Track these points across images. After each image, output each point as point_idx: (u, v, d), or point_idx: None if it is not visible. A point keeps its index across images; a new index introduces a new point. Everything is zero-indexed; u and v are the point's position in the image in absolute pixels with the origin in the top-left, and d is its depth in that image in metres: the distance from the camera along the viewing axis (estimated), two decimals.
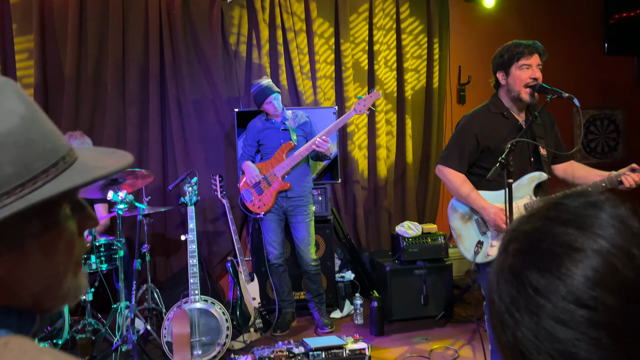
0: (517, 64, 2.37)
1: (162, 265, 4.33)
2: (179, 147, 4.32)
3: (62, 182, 0.62)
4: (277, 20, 4.47)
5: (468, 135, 2.47)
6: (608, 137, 5.37)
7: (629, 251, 0.54)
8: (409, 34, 4.79)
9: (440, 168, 2.55)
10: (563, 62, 5.07)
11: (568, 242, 0.56)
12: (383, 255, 4.27)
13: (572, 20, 5.16)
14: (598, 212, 0.57)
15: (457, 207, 2.57)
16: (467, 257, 2.50)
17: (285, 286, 3.81)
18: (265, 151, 3.77)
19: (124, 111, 4.26)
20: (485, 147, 2.45)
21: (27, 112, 0.63)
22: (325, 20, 4.61)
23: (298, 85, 4.51)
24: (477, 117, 2.50)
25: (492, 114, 2.48)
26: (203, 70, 4.40)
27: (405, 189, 4.80)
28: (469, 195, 2.43)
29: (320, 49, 4.61)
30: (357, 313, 3.90)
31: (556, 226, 0.58)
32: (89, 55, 4.16)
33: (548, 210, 0.60)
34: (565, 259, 0.55)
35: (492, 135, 2.43)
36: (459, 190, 2.47)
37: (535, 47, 2.39)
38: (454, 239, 2.61)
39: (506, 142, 2.26)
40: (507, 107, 2.48)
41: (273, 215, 3.72)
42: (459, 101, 5.03)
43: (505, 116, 2.46)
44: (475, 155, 2.48)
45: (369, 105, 3.55)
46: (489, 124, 2.46)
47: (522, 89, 2.37)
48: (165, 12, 4.25)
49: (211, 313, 2.99)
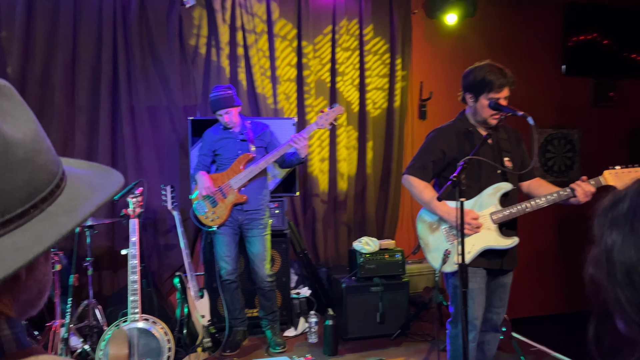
0: (487, 95, 2.45)
1: (108, 279, 4.11)
2: (130, 155, 4.13)
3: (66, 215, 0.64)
4: (238, 28, 4.36)
5: (434, 148, 2.56)
6: (565, 156, 5.46)
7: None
8: (373, 53, 4.75)
9: (405, 177, 2.62)
10: (523, 81, 5.05)
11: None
12: (341, 271, 4.17)
13: (532, 40, 5.25)
14: None
15: (425, 216, 2.60)
16: (434, 266, 2.54)
17: (237, 303, 3.66)
18: (222, 162, 3.63)
19: (72, 116, 4.05)
20: (451, 159, 2.52)
21: (36, 125, 0.64)
22: (289, 39, 4.53)
23: (258, 94, 4.40)
24: (444, 131, 2.61)
25: (457, 129, 2.58)
26: (159, 76, 4.24)
27: (365, 203, 4.73)
28: (432, 201, 2.48)
29: (282, 63, 4.52)
30: (312, 331, 3.77)
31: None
32: (36, 54, 3.94)
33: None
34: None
35: (458, 148, 2.52)
36: (421, 195, 2.54)
37: (507, 80, 2.47)
38: (422, 249, 2.61)
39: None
40: (472, 124, 2.57)
41: (227, 228, 3.57)
42: (420, 116, 5.01)
43: (471, 131, 2.55)
44: (441, 166, 2.57)
45: (330, 119, 3.47)
46: (456, 138, 2.55)
47: (489, 117, 2.49)
48: (120, 15, 4.08)
49: (152, 333, 2.81)
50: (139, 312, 2.83)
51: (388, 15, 4.78)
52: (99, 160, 4.05)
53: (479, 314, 2.49)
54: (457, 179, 2.09)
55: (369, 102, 4.73)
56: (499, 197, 2.47)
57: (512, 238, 2.48)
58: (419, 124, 4.97)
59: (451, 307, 2.59)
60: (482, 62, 2.54)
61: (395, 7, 4.77)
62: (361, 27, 4.69)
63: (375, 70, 4.77)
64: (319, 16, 4.60)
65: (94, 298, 3.45)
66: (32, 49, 3.95)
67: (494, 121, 2.48)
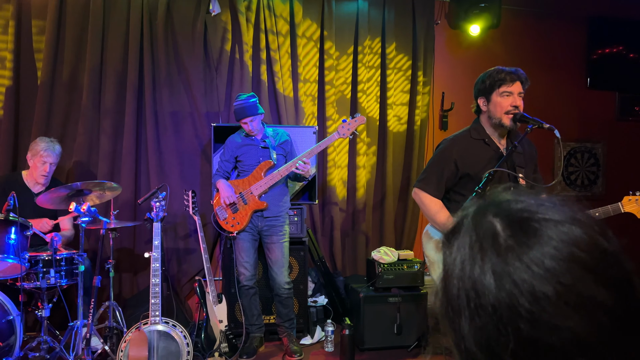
0: (498, 91, 2.34)
1: (128, 281, 4.16)
2: (153, 160, 4.19)
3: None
4: (262, 39, 4.41)
5: (447, 161, 2.42)
6: (588, 170, 5.38)
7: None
8: (397, 70, 4.76)
9: (417, 191, 2.50)
10: (546, 93, 5.10)
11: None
12: (358, 281, 4.16)
13: (556, 53, 5.20)
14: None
15: (432, 234, 2.52)
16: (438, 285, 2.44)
17: (254, 309, 3.67)
18: (243, 168, 3.66)
19: (98, 120, 4.13)
20: (464, 174, 2.40)
21: None
22: (310, 48, 4.57)
23: (280, 103, 4.43)
24: (457, 142, 2.46)
25: (473, 139, 2.44)
26: (183, 83, 4.31)
27: (384, 213, 4.72)
28: (443, 221, 2.39)
29: (304, 70, 4.55)
30: (328, 340, 3.76)
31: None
32: (65, 60, 4.04)
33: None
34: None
35: (472, 161, 2.39)
36: (435, 217, 2.43)
37: (518, 75, 2.36)
38: (427, 267, 2.53)
39: (486, 170, 2.24)
40: (488, 134, 2.44)
41: (247, 234, 3.60)
42: (442, 127, 5.00)
43: (487, 143, 2.42)
44: (453, 180, 2.43)
45: (352, 129, 3.48)
46: (470, 150, 2.41)
47: (503, 115, 2.35)
48: (147, 21, 4.16)
49: (171, 336, 2.84)
50: (159, 315, 2.86)
51: (411, 26, 4.79)
52: (122, 164, 4.11)
53: None
54: (481, 191, 2.05)
55: (390, 113, 4.73)
56: None
57: None
58: (440, 134, 4.95)
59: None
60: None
61: (418, 18, 4.78)
62: (383, 45, 4.70)
63: (398, 88, 4.78)
64: (343, 28, 4.62)
65: (114, 300, 3.49)
66: (61, 54, 4.04)
67: (508, 121, 2.34)
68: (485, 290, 0.58)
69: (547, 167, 5.17)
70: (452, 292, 0.62)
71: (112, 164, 4.14)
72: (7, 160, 3.90)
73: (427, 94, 4.84)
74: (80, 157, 4.06)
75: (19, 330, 2.98)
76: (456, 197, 2.46)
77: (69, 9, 4.04)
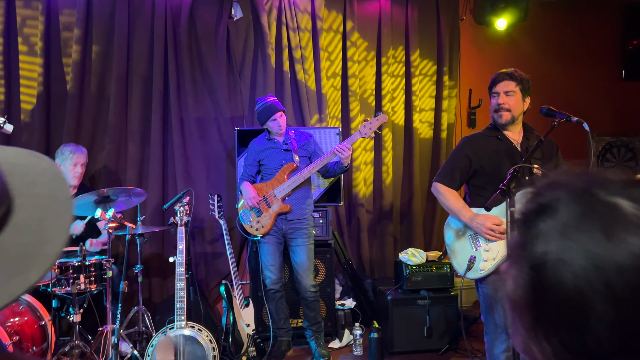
0: (490, 92, 2.56)
1: (157, 286, 4.20)
2: (179, 165, 4.23)
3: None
4: (284, 41, 4.41)
5: (461, 155, 2.60)
6: (625, 165, 5.16)
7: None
8: (423, 75, 4.71)
9: (434, 184, 2.68)
10: (579, 87, 4.92)
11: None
12: (387, 283, 4.09)
13: (588, 44, 5.02)
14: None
15: (452, 223, 2.62)
16: (459, 272, 2.54)
17: (281, 313, 3.65)
18: (266, 171, 3.65)
19: (125, 128, 4.20)
20: (478, 167, 2.55)
21: None
22: (335, 45, 4.54)
23: (303, 102, 4.41)
24: (472, 139, 2.65)
25: (486, 136, 2.60)
26: (207, 88, 4.34)
27: (412, 214, 4.64)
28: (458, 208, 2.52)
29: (329, 71, 4.53)
30: (356, 344, 3.71)
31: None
32: (93, 70, 4.12)
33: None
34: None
35: (485, 156, 2.54)
36: (448, 202, 2.57)
37: (506, 74, 2.51)
38: (448, 255, 2.64)
39: (500, 163, 2.43)
40: (500, 130, 2.58)
41: (272, 238, 3.59)
42: (469, 125, 4.89)
43: (499, 138, 2.55)
44: (468, 173, 2.58)
45: (374, 128, 3.43)
46: (483, 145, 2.57)
47: (494, 113, 2.55)
48: (170, 28, 4.22)
49: (197, 341, 2.84)
50: (185, 320, 2.87)
51: (435, 23, 4.71)
52: (150, 171, 4.17)
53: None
54: (506, 188, 2.01)
55: (416, 118, 4.67)
56: None
57: None
58: (467, 132, 4.84)
59: (483, 317, 2.52)
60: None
61: (443, 14, 4.69)
62: (407, 52, 4.64)
63: (425, 94, 4.73)
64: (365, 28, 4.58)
65: (143, 305, 3.53)
66: (89, 64, 4.13)
67: (499, 119, 2.50)
68: (629, 274, 0.52)
69: (583, 164, 4.99)
70: (567, 283, 0.54)
71: (140, 171, 4.21)
72: None
73: (454, 98, 4.75)
74: (108, 164, 4.14)
75: (52, 335, 3.04)
76: (478, 192, 2.56)
77: (95, 20, 4.12)
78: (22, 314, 2.96)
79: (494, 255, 2.39)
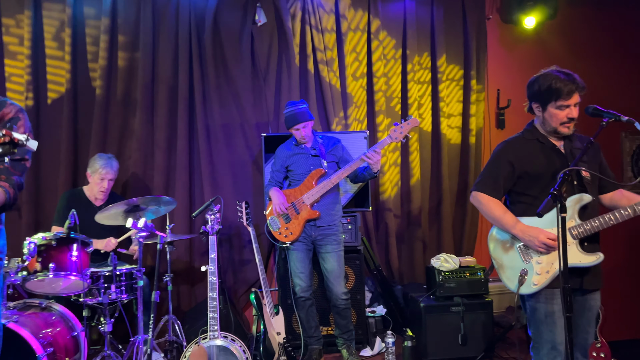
0: (555, 103, 2.29)
1: (186, 294, 4.18)
2: (206, 172, 4.21)
3: None
4: (309, 43, 4.37)
5: (503, 162, 2.40)
6: None
7: None
8: (450, 80, 4.64)
9: (474, 194, 2.48)
10: (612, 86, 4.77)
11: None
12: (417, 289, 4.00)
13: (621, 41, 4.87)
14: None
15: (498, 235, 2.43)
16: (510, 288, 2.35)
17: (312, 321, 3.59)
18: (294, 177, 3.61)
19: (152, 135, 4.20)
20: (522, 172, 2.36)
21: None
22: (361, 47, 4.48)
23: (328, 107, 4.36)
24: (512, 143, 2.44)
25: (526, 140, 2.42)
26: (232, 95, 4.32)
27: (442, 218, 4.55)
28: (503, 217, 2.34)
29: (357, 72, 4.47)
30: (389, 352, 3.62)
31: None
32: (119, 76, 4.13)
33: None
34: None
35: (529, 160, 2.35)
36: (493, 213, 2.38)
37: (576, 86, 2.26)
38: (496, 270, 2.45)
39: (544, 167, 2.25)
40: (542, 134, 2.40)
41: (301, 244, 3.53)
42: (498, 126, 4.78)
43: (541, 141, 2.38)
44: (511, 180, 2.39)
45: (405, 132, 3.35)
46: (525, 149, 2.38)
47: (559, 126, 2.32)
48: (195, 35, 4.21)
49: (230, 351, 2.80)
50: (218, 329, 2.83)
51: (461, 23, 4.62)
52: (176, 177, 4.16)
53: (562, 338, 2.27)
54: (557, 192, 1.90)
55: (443, 121, 4.58)
56: (578, 209, 2.26)
57: (595, 254, 2.24)
58: (496, 133, 4.74)
59: (530, 331, 2.39)
60: (547, 69, 2.36)
61: (469, 14, 4.60)
62: (434, 58, 4.57)
63: (454, 99, 4.65)
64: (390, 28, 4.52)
65: (173, 313, 3.50)
66: (115, 71, 4.14)
67: (565, 130, 2.30)
68: None
69: (616, 164, 4.84)
70: None
71: (167, 178, 4.20)
72: (67, 177, 4.01)
73: (482, 102, 4.65)
74: (136, 171, 4.14)
75: (84, 345, 3.03)
76: (520, 199, 2.39)
77: (120, 29, 4.13)
78: (54, 325, 2.95)
79: (547, 268, 2.24)
